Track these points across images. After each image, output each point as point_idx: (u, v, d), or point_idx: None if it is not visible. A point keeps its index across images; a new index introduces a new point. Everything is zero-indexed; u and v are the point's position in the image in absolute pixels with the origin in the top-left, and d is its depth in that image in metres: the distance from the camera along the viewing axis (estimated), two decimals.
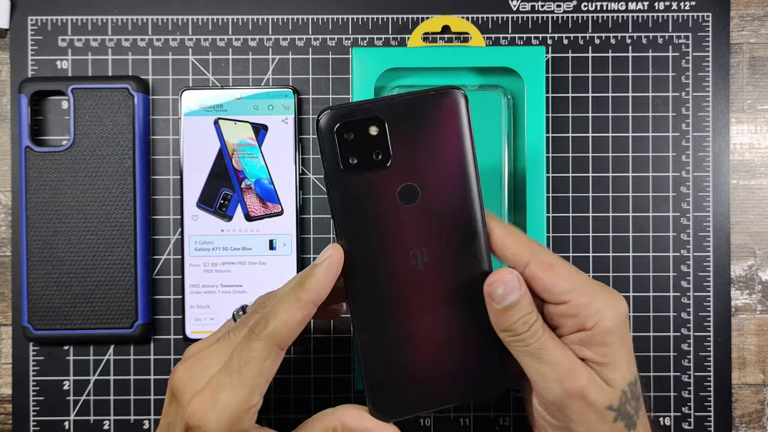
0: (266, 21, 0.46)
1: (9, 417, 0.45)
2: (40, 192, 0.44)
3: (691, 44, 0.46)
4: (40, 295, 0.44)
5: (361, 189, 0.29)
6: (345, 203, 0.29)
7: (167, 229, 0.46)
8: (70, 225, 0.44)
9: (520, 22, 0.46)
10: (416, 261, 0.30)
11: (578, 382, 0.30)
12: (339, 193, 0.29)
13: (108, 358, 0.45)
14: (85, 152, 0.44)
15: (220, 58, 0.46)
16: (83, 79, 0.45)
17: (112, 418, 0.45)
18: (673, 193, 0.46)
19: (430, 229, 0.29)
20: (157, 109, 0.46)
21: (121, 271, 0.44)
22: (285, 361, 0.45)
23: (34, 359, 0.45)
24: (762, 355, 0.46)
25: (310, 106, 0.46)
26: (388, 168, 0.29)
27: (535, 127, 0.43)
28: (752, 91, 0.46)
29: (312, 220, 0.46)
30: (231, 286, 0.45)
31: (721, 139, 0.46)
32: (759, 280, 0.46)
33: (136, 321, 0.44)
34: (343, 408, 0.32)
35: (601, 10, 0.46)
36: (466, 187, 0.29)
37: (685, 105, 0.46)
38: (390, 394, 0.31)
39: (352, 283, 0.30)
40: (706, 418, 0.45)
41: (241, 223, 0.45)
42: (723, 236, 0.46)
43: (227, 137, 0.45)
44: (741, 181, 0.46)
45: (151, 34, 0.46)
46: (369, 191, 0.29)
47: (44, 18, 0.46)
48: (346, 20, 0.46)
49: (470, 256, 0.30)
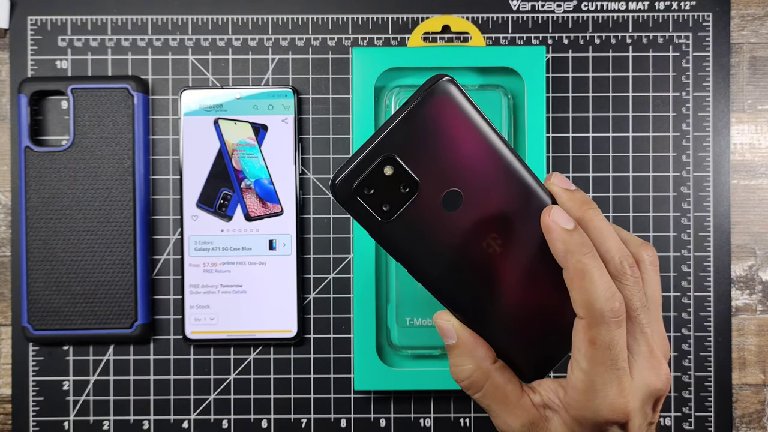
0: (266, 21, 0.46)
1: (9, 417, 0.45)
2: (40, 192, 0.44)
3: (691, 44, 0.46)
4: (40, 295, 0.44)
5: (408, 226, 0.29)
6: (403, 246, 0.29)
7: (167, 229, 0.46)
8: (69, 225, 0.44)
9: (521, 22, 0.46)
10: (492, 248, 0.29)
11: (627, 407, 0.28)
12: (391, 242, 0.29)
13: (108, 358, 0.45)
14: (85, 152, 0.44)
15: (219, 58, 0.46)
16: (83, 79, 0.45)
17: (111, 419, 0.45)
18: (674, 193, 0.46)
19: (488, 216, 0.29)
20: (157, 109, 0.46)
21: (120, 271, 0.44)
22: (285, 361, 0.46)
23: (34, 359, 0.45)
24: (762, 356, 0.46)
25: (310, 106, 0.46)
26: (421, 191, 0.28)
27: (535, 127, 0.43)
28: (753, 91, 0.46)
29: (312, 220, 0.46)
30: (231, 286, 0.45)
31: (722, 139, 0.46)
32: (759, 280, 0.46)
33: (135, 321, 0.44)
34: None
35: (601, 9, 0.46)
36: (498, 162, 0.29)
37: (685, 105, 0.46)
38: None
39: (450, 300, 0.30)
40: (707, 419, 0.45)
41: (240, 223, 0.45)
42: (723, 236, 0.46)
43: (227, 137, 0.45)
44: (741, 181, 0.46)
45: (150, 33, 0.46)
46: (417, 222, 0.29)
47: (44, 18, 0.46)
48: (346, 20, 0.46)
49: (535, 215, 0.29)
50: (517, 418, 0.30)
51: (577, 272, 0.28)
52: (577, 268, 0.28)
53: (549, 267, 0.29)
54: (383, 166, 0.28)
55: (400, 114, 0.28)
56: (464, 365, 0.30)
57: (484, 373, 0.30)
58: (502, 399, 0.30)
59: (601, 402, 0.28)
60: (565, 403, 0.29)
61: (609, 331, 0.27)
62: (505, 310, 0.30)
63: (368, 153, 0.28)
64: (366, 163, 0.28)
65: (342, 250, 0.46)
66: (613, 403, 0.28)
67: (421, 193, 0.28)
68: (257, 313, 0.45)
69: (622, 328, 0.28)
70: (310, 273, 0.46)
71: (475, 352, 0.30)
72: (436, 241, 0.29)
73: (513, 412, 0.30)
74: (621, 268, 0.29)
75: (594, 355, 0.28)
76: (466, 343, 0.30)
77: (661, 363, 0.29)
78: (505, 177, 0.29)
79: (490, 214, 0.29)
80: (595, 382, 0.28)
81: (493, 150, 0.29)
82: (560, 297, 0.30)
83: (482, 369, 0.30)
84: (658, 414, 0.30)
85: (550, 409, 0.30)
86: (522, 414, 0.30)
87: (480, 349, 0.30)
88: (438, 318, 0.31)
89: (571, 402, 0.29)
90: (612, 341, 0.27)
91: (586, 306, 0.27)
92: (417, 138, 0.28)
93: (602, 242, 0.29)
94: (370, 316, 0.43)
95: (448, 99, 0.28)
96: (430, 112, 0.28)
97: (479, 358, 0.30)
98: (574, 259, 0.28)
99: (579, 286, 0.28)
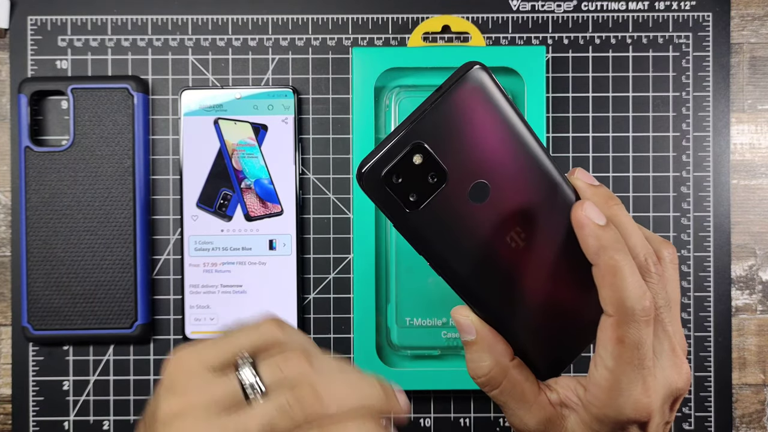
0: (266, 21, 0.46)
1: (9, 417, 0.45)
2: (40, 192, 0.44)
3: (691, 44, 0.46)
4: (40, 295, 0.44)
5: (434, 217, 0.28)
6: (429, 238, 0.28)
7: (167, 229, 0.46)
8: (69, 225, 0.44)
9: (520, 22, 0.46)
10: (516, 243, 0.29)
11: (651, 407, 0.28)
12: (417, 233, 0.28)
13: (108, 358, 0.45)
14: (85, 152, 0.44)
15: (219, 58, 0.46)
16: (83, 79, 0.45)
17: (111, 419, 0.45)
18: (674, 193, 0.46)
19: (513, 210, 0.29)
20: (157, 109, 0.46)
21: (120, 271, 0.44)
22: None
23: (34, 359, 0.45)
24: (762, 355, 0.46)
25: (310, 106, 0.46)
26: (449, 182, 0.28)
27: (536, 127, 0.43)
28: (753, 91, 0.46)
29: (312, 220, 0.46)
30: (231, 286, 0.45)
31: (722, 139, 0.46)
32: (759, 280, 0.46)
33: (135, 321, 0.44)
34: None
35: (601, 9, 0.46)
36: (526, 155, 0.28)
37: (685, 105, 0.46)
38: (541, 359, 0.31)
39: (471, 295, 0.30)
40: (707, 419, 0.45)
41: (240, 223, 0.45)
42: (723, 236, 0.46)
43: (227, 137, 0.45)
44: (741, 181, 0.46)
45: (150, 33, 0.46)
46: (443, 213, 0.28)
47: (44, 18, 0.46)
48: (346, 20, 0.46)
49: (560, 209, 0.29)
50: (534, 416, 0.30)
51: (609, 269, 0.27)
52: (609, 264, 0.27)
53: (571, 264, 0.29)
54: (413, 154, 0.27)
55: (431, 102, 0.27)
56: (483, 361, 0.29)
57: (503, 370, 0.29)
58: (520, 396, 0.30)
59: (625, 401, 0.27)
60: (585, 402, 0.29)
61: (638, 329, 0.27)
62: (526, 306, 0.30)
63: (398, 140, 0.27)
64: (395, 151, 0.27)
65: (342, 250, 0.46)
66: (637, 402, 0.27)
67: (449, 183, 0.28)
68: (257, 313, 0.45)
69: (650, 328, 0.27)
70: (310, 273, 0.46)
71: (494, 348, 0.29)
72: (461, 234, 0.28)
73: (530, 410, 0.30)
74: (646, 265, 0.28)
75: (621, 354, 0.27)
76: (485, 339, 0.29)
77: (683, 362, 0.29)
78: (531, 170, 0.28)
79: (516, 207, 0.29)
80: (620, 380, 0.27)
81: (521, 142, 0.28)
82: (582, 295, 0.29)
83: (501, 365, 0.29)
84: (675, 414, 0.30)
85: (567, 407, 0.30)
86: (539, 412, 0.30)
87: (499, 345, 0.29)
88: (456, 313, 0.30)
89: (593, 400, 0.28)
90: (640, 340, 0.27)
91: (617, 303, 0.27)
92: (447, 127, 0.27)
93: (627, 238, 0.28)
94: (370, 316, 0.43)
95: (479, 88, 0.27)
96: (460, 102, 0.27)
97: (498, 354, 0.29)
98: (607, 255, 0.27)
99: (610, 283, 0.27)
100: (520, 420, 0.30)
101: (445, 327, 0.44)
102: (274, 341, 0.27)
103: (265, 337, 0.27)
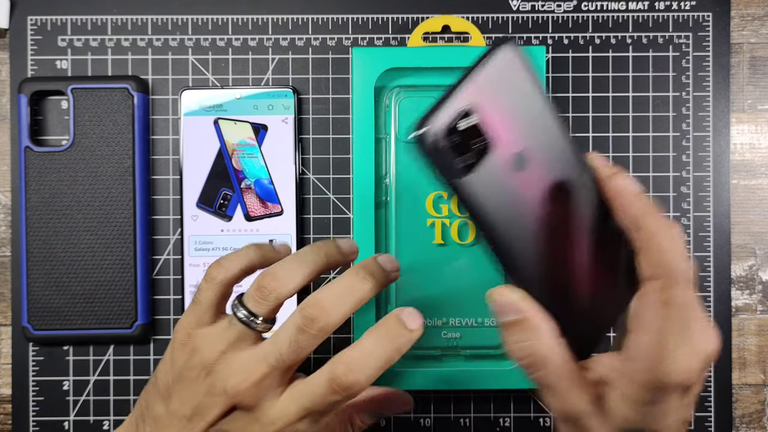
0: (266, 21, 0.46)
1: (9, 417, 0.45)
2: (40, 192, 0.44)
3: (691, 44, 0.46)
4: (40, 295, 0.44)
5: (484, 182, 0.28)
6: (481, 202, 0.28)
7: (167, 229, 0.46)
8: (69, 225, 0.44)
9: (520, 22, 0.46)
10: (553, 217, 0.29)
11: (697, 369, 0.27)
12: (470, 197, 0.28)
13: (108, 358, 0.45)
14: (85, 152, 0.44)
15: (219, 58, 0.46)
16: (83, 78, 0.45)
17: (111, 419, 0.45)
18: (674, 193, 0.46)
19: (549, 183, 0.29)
20: (157, 109, 0.46)
21: (120, 271, 0.44)
22: None
23: (34, 359, 0.45)
24: (762, 356, 0.46)
25: (310, 106, 0.46)
26: (497, 148, 0.28)
27: None
28: (753, 91, 0.46)
29: (312, 220, 0.46)
30: None
31: (722, 139, 0.46)
32: (759, 280, 0.46)
33: (135, 321, 0.44)
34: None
35: (601, 9, 0.46)
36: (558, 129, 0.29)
37: (685, 105, 0.46)
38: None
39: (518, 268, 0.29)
40: (707, 419, 0.45)
41: (240, 223, 0.45)
42: (723, 236, 0.46)
43: (227, 137, 0.45)
44: (741, 181, 0.46)
45: (150, 33, 0.46)
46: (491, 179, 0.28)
47: (44, 18, 0.46)
48: (346, 20, 0.46)
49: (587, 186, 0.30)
50: (585, 396, 0.29)
51: (657, 232, 0.27)
52: (655, 227, 0.28)
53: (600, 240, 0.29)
54: (466, 117, 0.27)
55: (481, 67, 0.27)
56: (529, 340, 0.28)
57: (551, 349, 0.28)
58: (569, 376, 0.28)
59: (671, 363, 0.27)
60: (628, 373, 0.28)
61: (684, 290, 0.27)
62: (564, 282, 0.30)
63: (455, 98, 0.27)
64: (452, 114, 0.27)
65: None
66: (684, 364, 0.27)
67: (497, 149, 0.28)
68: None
69: (692, 289, 0.28)
70: None
71: (541, 326, 0.28)
72: (506, 202, 0.28)
73: (581, 391, 0.29)
74: None
75: (668, 316, 0.27)
76: (535, 317, 0.28)
77: (711, 326, 0.28)
78: (562, 145, 0.29)
79: (551, 180, 0.29)
80: (668, 342, 0.27)
81: (554, 116, 0.29)
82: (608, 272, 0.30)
83: (549, 345, 0.28)
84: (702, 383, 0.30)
85: (606, 384, 0.29)
86: (589, 391, 0.29)
87: (547, 322, 0.28)
88: (498, 293, 0.29)
89: (638, 368, 0.28)
90: (686, 300, 0.27)
91: (665, 265, 0.27)
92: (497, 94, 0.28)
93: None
94: (370, 316, 0.43)
95: (521, 61, 0.28)
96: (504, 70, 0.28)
97: (546, 332, 0.28)
98: (652, 219, 0.28)
99: (657, 245, 0.27)
100: (571, 402, 0.29)
101: (445, 327, 0.44)
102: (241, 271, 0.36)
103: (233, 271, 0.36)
